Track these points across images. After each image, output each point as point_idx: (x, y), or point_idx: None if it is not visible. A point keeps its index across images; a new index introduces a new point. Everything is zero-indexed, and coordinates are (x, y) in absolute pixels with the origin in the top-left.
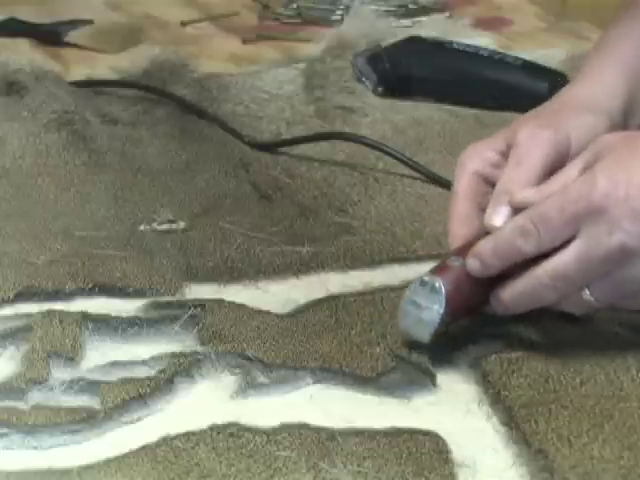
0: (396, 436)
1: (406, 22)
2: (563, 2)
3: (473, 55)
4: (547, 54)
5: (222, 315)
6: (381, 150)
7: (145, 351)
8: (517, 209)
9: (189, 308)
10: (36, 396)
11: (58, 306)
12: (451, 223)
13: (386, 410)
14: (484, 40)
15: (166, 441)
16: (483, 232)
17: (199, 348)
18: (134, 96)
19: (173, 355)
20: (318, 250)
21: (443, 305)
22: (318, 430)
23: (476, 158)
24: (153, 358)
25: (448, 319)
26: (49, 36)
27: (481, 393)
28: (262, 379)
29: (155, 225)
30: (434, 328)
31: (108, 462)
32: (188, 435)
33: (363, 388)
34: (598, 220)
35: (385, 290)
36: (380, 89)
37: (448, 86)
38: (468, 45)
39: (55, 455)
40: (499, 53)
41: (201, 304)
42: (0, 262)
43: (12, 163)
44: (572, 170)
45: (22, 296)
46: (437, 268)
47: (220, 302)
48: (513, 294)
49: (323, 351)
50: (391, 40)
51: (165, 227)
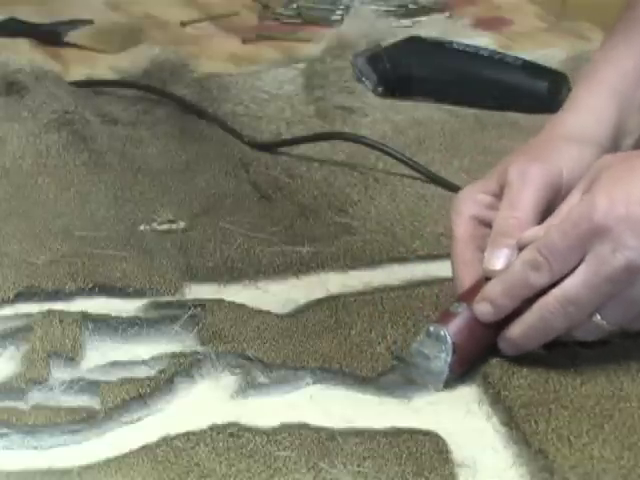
0: (396, 436)
1: (406, 22)
2: (563, 2)
3: (473, 55)
4: (547, 54)
5: (222, 315)
6: (381, 150)
7: (145, 351)
8: (521, 249)
9: (189, 308)
10: (36, 396)
11: (58, 306)
12: (455, 269)
13: (386, 410)
14: (484, 40)
15: (166, 441)
16: (483, 277)
17: (199, 348)
18: (134, 96)
19: (173, 355)
20: (318, 250)
21: (450, 353)
22: (318, 430)
23: (470, 202)
24: (153, 358)
25: (457, 367)
26: (49, 36)
27: (481, 393)
28: (262, 379)
29: (155, 225)
30: (444, 377)
31: (108, 462)
32: (188, 435)
33: (363, 388)
34: (602, 240)
35: (385, 290)
36: (380, 89)
37: (448, 86)
38: (468, 45)
39: (55, 455)
40: (499, 53)
41: (201, 304)
42: (0, 262)
43: (12, 163)
44: (574, 197)
45: (22, 296)
46: (441, 316)
47: (220, 302)
48: (523, 329)
49: (323, 351)
50: (391, 40)
51: (165, 227)
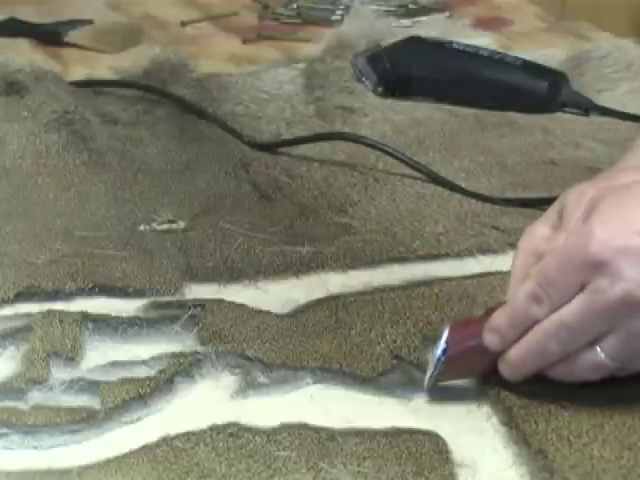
0: (396, 436)
1: (406, 22)
2: (563, 2)
3: (473, 55)
4: (547, 54)
5: (222, 315)
6: (381, 150)
7: (145, 351)
8: None
9: (189, 308)
10: (36, 396)
11: (58, 306)
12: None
13: (386, 410)
14: (484, 40)
15: (166, 441)
16: None
17: (199, 348)
18: (134, 96)
19: (173, 355)
20: (318, 250)
21: (441, 353)
22: (318, 430)
23: (529, 237)
24: (153, 358)
25: (445, 371)
26: (49, 36)
27: (481, 393)
28: (262, 379)
29: (155, 225)
30: (430, 372)
31: (108, 462)
32: (188, 435)
33: (363, 388)
34: (599, 272)
35: (385, 290)
36: (380, 89)
37: (448, 86)
38: (468, 45)
39: (55, 455)
40: (499, 53)
41: (201, 304)
42: (0, 262)
43: (12, 163)
44: (572, 224)
45: (22, 296)
46: (468, 319)
47: (220, 302)
48: (520, 352)
49: (323, 351)
50: (391, 40)
51: (165, 227)
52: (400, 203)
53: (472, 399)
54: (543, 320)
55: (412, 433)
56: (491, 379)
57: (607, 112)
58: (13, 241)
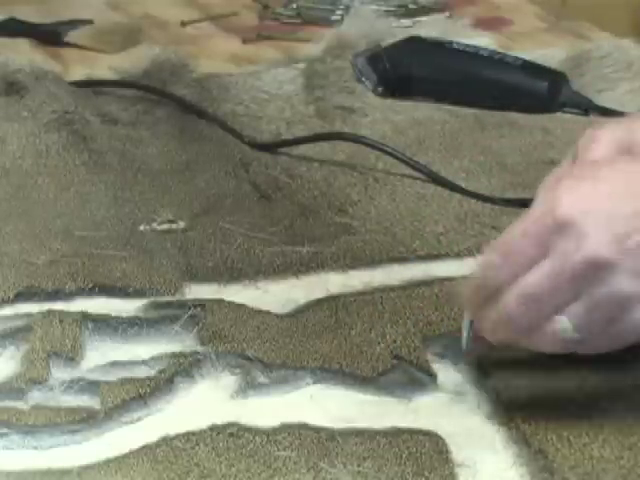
0: (396, 436)
1: (406, 22)
2: (563, 2)
3: (473, 55)
4: (547, 54)
5: (222, 315)
6: (381, 150)
7: (145, 351)
8: None
9: (189, 308)
10: (36, 396)
11: (58, 306)
12: None
13: (386, 410)
14: (484, 40)
15: (166, 441)
16: None
17: (199, 348)
18: (134, 96)
19: (173, 355)
20: (318, 250)
21: (467, 327)
22: (318, 430)
23: (586, 150)
24: (153, 358)
25: (473, 341)
26: (49, 36)
27: (481, 393)
28: (262, 379)
29: (155, 225)
30: (464, 337)
31: (108, 462)
32: (188, 435)
33: (363, 388)
34: (564, 235)
35: (385, 290)
36: (380, 89)
37: (448, 86)
38: (468, 45)
39: (55, 455)
40: (499, 53)
41: (201, 304)
42: (0, 262)
43: (12, 163)
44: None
45: (22, 296)
46: None
47: (220, 302)
48: (489, 324)
49: (323, 351)
50: (391, 40)
51: (165, 227)
52: (400, 203)
53: (472, 399)
54: (508, 289)
55: (412, 433)
56: (491, 378)
57: (607, 112)
58: (13, 241)
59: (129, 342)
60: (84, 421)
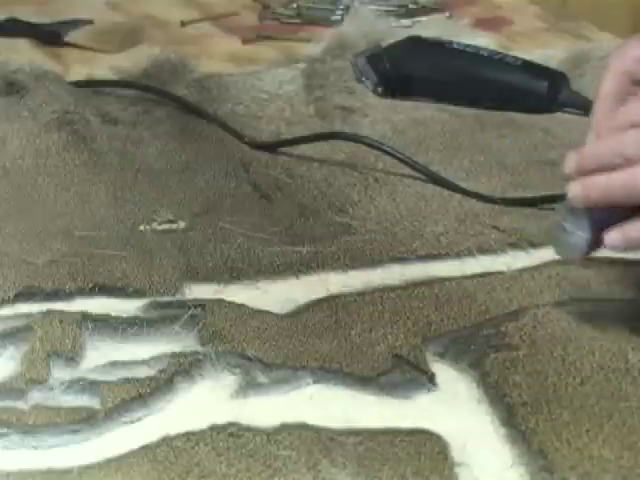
0: (396, 436)
1: (406, 22)
2: (563, 2)
3: (473, 55)
4: (547, 54)
5: (222, 315)
6: (381, 150)
7: (145, 351)
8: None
9: (189, 308)
10: (36, 396)
11: (58, 306)
12: (592, 125)
13: (386, 410)
14: (484, 40)
15: (166, 441)
16: None
17: (199, 348)
18: (134, 96)
19: (173, 355)
20: (318, 250)
21: (588, 232)
22: (318, 430)
23: (627, 57)
24: (153, 358)
25: (593, 244)
26: (49, 36)
27: (481, 393)
28: (262, 379)
29: (155, 225)
30: (581, 253)
31: (108, 462)
32: (188, 435)
33: (363, 388)
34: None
35: (385, 290)
36: (380, 89)
37: (448, 86)
38: (468, 45)
39: (55, 455)
40: (499, 53)
41: (201, 304)
42: (0, 262)
43: (12, 163)
44: None
45: (22, 296)
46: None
47: (220, 302)
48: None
49: (323, 351)
50: (391, 40)
51: (165, 227)
52: (400, 203)
53: (472, 399)
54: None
55: (412, 433)
56: (491, 378)
57: None
58: (13, 241)
59: (129, 342)
60: (84, 421)
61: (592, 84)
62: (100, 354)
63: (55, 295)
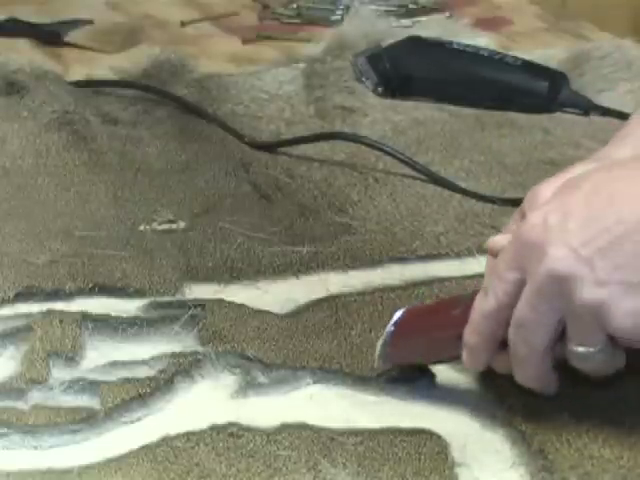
0: (396, 436)
1: (406, 22)
2: (563, 2)
3: (473, 55)
4: (547, 54)
5: (222, 315)
6: (381, 150)
7: (145, 351)
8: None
9: (189, 308)
10: (36, 396)
11: (58, 306)
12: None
13: (386, 410)
14: (484, 40)
15: (166, 441)
16: None
17: (199, 348)
18: (134, 96)
19: (173, 355)
20: (318, 250)
21: (390, 329)
22: (318, 430)
23: (533, 201)
24: (153, 358)
25: (390, 350)
26: (49, 36)
27: (481, 393)
28: (262, 379)
29: (155, 225)
30: (378, 349)
31: (108, 462)
32: (188, 435)
33: (363, 388)
34: (531, 254)
35: (385, 290)
36: (380, 89)
37: (448, 86)
38: (468, 45)
39: (55, 455)
40: (499, 53)
41: (201, 304)
42: (0, 262)
43: (12, 163)
44: None
45: (22, 296)
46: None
47: (220, 302)
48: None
49: (323, 351)
50: (391, 40)
51: (165, 227)
52: (400, 203)
53: (472, 399)
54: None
55: (412, 433)
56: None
57: (607, 112)
58: (13, 241)
59: (129, 342)
60: (84, 421)
61: (592, 84)
62: (100, 354)
63: (55, 295)
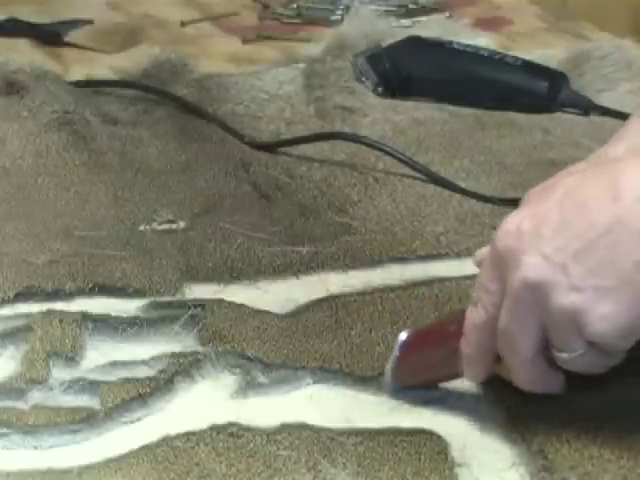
0: (396, 436)
1: (406, 22)
2: (563, 2)
3: (473, 55)
4: (547, 54)
5: (222, 315)
6: (381, 150)
7: (145, 351)
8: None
9: (189, 308)
10: (36, 396)
11: (58, 306)
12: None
13: (386, 410)
14: (484, 40)
15: (166, 441)
16: None
17: (199, 348)
18: (134, 96)
19: (173, 355)
20: (318, 250)
21: (396, 354)
22: (318, 430)
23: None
24: (153, 358)
25: (400, 373)
26: (49, 36)
27: (481, 393)
28: (262, 379)
29: (155, 225)
30: (389, 376)
31: (108, 462)
32: (188, 435)
33: (363, 388)
34: (507, 263)
35: (385, 290)
36: (380, 89)
37: (448, 86)
38: (468, 45)
39: (55, 455)
40: (499, 53)
41: (201, 304)
42: (0, 262)
43: (12, 163)
44: None
45: (22, 296)
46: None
47: (220, 302)
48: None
49: (323, 351)
50: (391, 40)
51: (165, 227)
52: (400, 203)
53: (472, 399)
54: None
55: (412, 433)
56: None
57: (607, 112)
58: (13, 241)
59: (129, 342)
60: (84, 421)
61: (592, 84)
62: (100, 354)
63: (55, 295)
